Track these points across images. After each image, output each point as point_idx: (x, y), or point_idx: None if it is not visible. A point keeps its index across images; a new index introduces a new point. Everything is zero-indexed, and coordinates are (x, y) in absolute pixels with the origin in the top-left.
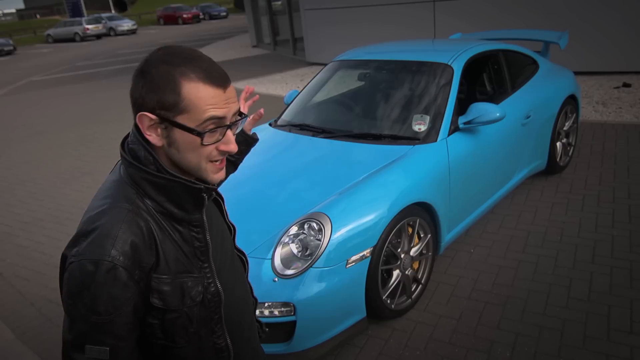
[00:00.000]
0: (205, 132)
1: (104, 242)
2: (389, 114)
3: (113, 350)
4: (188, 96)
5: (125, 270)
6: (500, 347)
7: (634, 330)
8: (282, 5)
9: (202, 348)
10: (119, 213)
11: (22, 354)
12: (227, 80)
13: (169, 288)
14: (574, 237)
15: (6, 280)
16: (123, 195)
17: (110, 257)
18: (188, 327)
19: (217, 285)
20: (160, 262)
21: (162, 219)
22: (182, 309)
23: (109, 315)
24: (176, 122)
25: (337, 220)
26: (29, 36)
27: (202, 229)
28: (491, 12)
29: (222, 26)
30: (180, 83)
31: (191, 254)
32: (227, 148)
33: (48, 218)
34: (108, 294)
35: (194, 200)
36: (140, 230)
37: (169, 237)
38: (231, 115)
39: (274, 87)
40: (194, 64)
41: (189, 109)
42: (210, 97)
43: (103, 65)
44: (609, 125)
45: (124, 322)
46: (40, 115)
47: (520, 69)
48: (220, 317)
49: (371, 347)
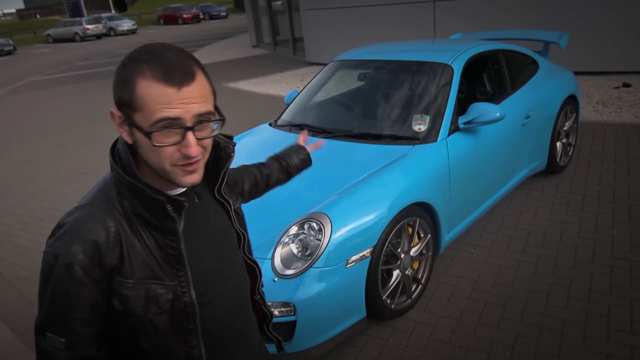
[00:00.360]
0: (153, 132)
1: (68, 238)
2: (389, 114)
3: (68, 342)
4: (140, 94)
5: (81, 269)
6: (500, 347)
7: (634, 330)
8: (282, 5)
9: (170, 356)
10: (90, 212)
11: (22, 354)
12: (186, 79)
13: (131, 293)
14: (574, 237)
15: (6, 280)
16: (104, 194)
17: (70, 254)
18: (152, 334)
19: (191, 296)
20: (124, 265)
21: (138, 222)
22: (146, 316)
23: (65, 309)
24: (133, 120)
25: (337, 220)
26: (29, 36)
27: (176, 237)
28: (491, 12)
29: (222, 26)
30: (136, 81)
31: (164, 261)
32: (185, 151)
33: (48, 218)
34: (64, 288)
35: (159, 209)
36: (107, 231)
37: (141, 241)
38: (191, 117)
39: (274, 87)
40: (156, 61)
41: (141, 108)
42: (161, 95)
43: (103, 65)
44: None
45: (79, 317)
46: (40, 115)
47: (520, 69)
48: (195, 328)
49: (371, 347)
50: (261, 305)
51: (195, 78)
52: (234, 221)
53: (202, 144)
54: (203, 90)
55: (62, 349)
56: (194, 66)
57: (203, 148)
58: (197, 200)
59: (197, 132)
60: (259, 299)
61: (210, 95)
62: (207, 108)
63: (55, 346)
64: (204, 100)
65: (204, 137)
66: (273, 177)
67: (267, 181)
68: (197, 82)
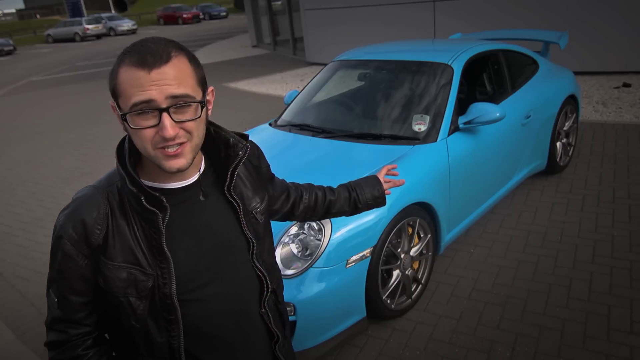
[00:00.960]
0: (127, 114)
1: (66, 214)
2: (389, 113)
3: (59, 303)
4: (119, 80)
5: (69, 243)
6: (500, 347)
7: (634, 330)
8: (282, 5)
9: (151, 342)
10: (88, 193)
11: (22, 354)
12: (158, 61)
13: (111, 274)
14: (574, 237)
15: (6, 280)
16: (108, 179)
17: (63, 228)
18: (130, 317)
19: (171, 289)
20: (108, 247)
21: (131, 209)
22: (126, 297)
23: (57, 274)
24: (120, 107)
25: (337, 220)
26: (29, 36)
27: (157, 230)
28: (491, 12)
29: (222, 26)
30: (118, 69)
31: (148, 250)
32: (161, 133)
33: (48, 218)
34: (57, 257)
35: (136, 199)
36: (97, 211)
37: (130, 227)
38: (164, 98)
39: (274, 87)
40: (136, 49)
41: (121, 93)
42: (134, 79)
43: (103, 65)
44: (609, 125)
45: (67, 285)
46: (40, 115)
47: (520, 69)
48: (176, 319)
49: (371, 347)
50: (267, 322)
51: (170, 61)
52: (243, 225)
53: (184, 127)
54: (179, 72)
55: (56, 307)
56: (173, 51)
57: (187, 132)
58: (202, 197)
59: (174, 114)
60: (264, 313)
61: (189, 79)
62: (184, 90)
63: (52, 303)
64: (179, 83)
65: (183, 120)
66: (336, 205)
67: (329, 208)
68: (171, 65)
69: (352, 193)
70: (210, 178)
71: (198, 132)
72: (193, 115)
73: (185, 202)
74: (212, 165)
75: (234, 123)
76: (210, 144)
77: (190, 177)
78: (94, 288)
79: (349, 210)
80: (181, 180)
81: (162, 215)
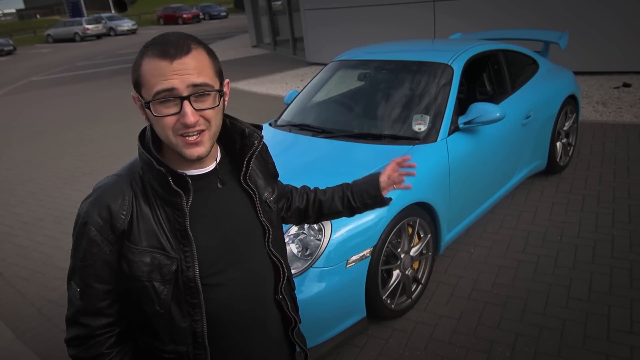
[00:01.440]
0: (151, 102)
1: (90, 201)
2: (389, 114)
3: (82, 292)
4: (142, 71)
5: (94, 229)
6: (500, 347)
7: (634, 330)
8: (282, 5)
9: (174, 328)
10: (112, 180)
11: (22, 354)
12: (180, 52)
13: (136, 258)
14: (574, 237)
15: (6, 280)
16: (130, 166)
17: (88, 215)
18: (154, 301)
19: (195, 272)
20: (132, 232)
21: (153, 195)
22: (150, 282)
23: (81, 263)
24: (142, 97)
25: (337, 220)
26: (29, 36)
27: (181, 212)
28: (491, 12)
29: (222, 26)
30: (141, 61)
31: (172, 234)
32: (182, 120)
33: (48, 218)
34: (81, 245)
35: (164, 181)
36: (122, 198)
37: (154, 213)
38: (185, 87)
39: (274, 87)
40: (158, 42)
41: (144, 83)
42: (156, 68)
43: (103, 65)
44: (609, 125)
45: (92, 273)
46: (40, 115)
47: (520, 69)
48: (199, 303)
49: (371, 347)
50: (285, 307)
51: (190, 52)
52: (259, 212)
53: (204, 115)
54: (199, 63)
55: (78, 297)
56: (193, 44)
57: (206, 120)
58: (219, 185)
59: (195, 103)
60: (281, 299)
61: (208, 70)
62: (203, 79)
63: (74, 294)
64: (199, 72)
65: (203, 109)
66: (328, 205)
67: (320, 209)
68: (192, 56)
69: (345, 192)
70: (226, 168)
71: (216, 120)
72: (212, 104)
73: (204, 189)
74: (228, 155)
75: None
76: (226, 136)
77: (208, 165)
78: (117, 275)
79: (345, 211)
80: (200, 167)
81: (186, 197)
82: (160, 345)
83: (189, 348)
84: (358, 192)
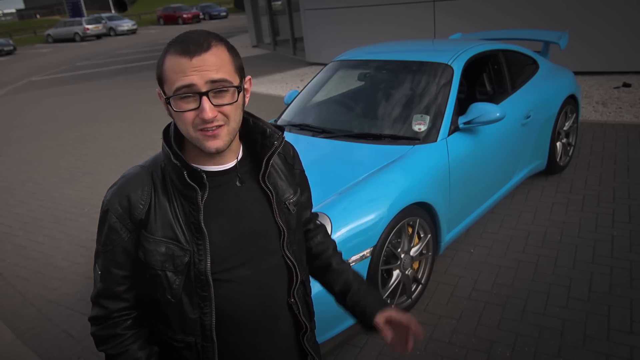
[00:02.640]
0: (171, 97)
1: (113, 190)
2: (389, 113)
3: (102, 276)
4: (165, 68)
5: (114, 216)
6: (500, 347)
7: (634, 330)
8: (282, 5)
9: (184, 318)
10: (135, 171)
11: (22, 354)
12: (199, 49)
13: (151, 247)
14: (574, 237)
15: (6, 280)
16: (153, 159)
17: (110, 202)
18: (166, 290)
19: (206, 265)
20: (149, 221)
21: (172, 188)
22: (163, 271)
23: (103, 247)
24: (165, 92)
25: (337, 220)
26: (29, 36)
27: (196, 207)
28: (491, 12)
29: (222, 26)
30: (164, 58)
31: (187, 227)
32: (201, 115)
33: (48, 218)
34: (103, 230)
35: (180, 174)
36: (142, 188)
37: (171, 204)
38: (204, 83)
39: (274, 87)
40: (180, 39)
41: (166, 79)
42: (177, 65)
43: (103, 65)
44: (609, 125)
45: (111, 258)
46: (40, 115)
47: (520, 69)
48: (209, 296)
49: (371, 347)
50: (296, 312)
51: (210, 49)
52: (275, 213)
53: (222, 110)
54: (219, 60)
55: (99, 280)
56: (213, 41)
57: (224, 115)
58: (238, 184)
59: (213, 99)
60: (292, 303)
61: (227, 66)
62: (222, 75)
63: (97, 276)
64: (217, 68)
65: (221, 104)
66: (330, 274)
67: (324, 270)
68: (211, 52)
69: (353, 284)
70: (247, 166)
71: (235, 116)
72: (230, 100)
73: (222, 185)
74: (250, 154)
75: None
76: (248, 135)
77: (228, 163)
78: (134, 263)
79: (337, 295)
80: (220, 164)
81: (201, 192)
82: (171, 334)
83: (197, 339)
84: (359, 298)
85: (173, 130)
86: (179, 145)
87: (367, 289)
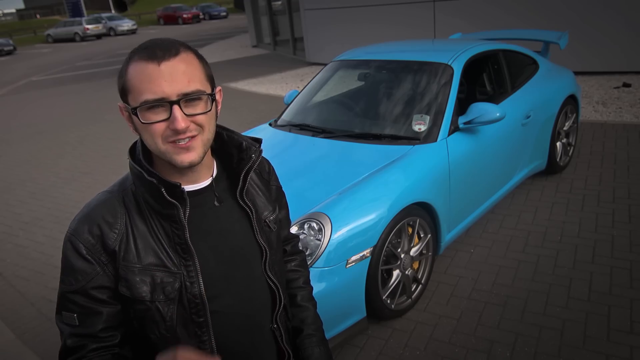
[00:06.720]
0: (138, 108)
1: (79, 220)
2: (389, 113)
3: (80, 317)
4: (129, 76)
5: (85, 247)
6: (500, 347)
7: (634, 330)
8: (282, 5)
9: None
10: (102, 197)
11: (22, 354)
12: (167, 55)
13: (137, 278)
14: (574, 237)
15: (6, 280)
16: (121, 182)
17: (77, 233)
18: (159, 324)
19: (200, 287)
20: (129, 250)
21: (148, 210)
22: (153, 303)
23: (71, 286)
24: (129, 105)
25: (337, 220)
26: (29, 36)
27: (180, 225)
28: (491, 12)
29: (222, 26)
30: (127, 66)
31: (172, 250)
32: (172, 126)
33: (48, 218)
34: (70, 265)
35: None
36: (113, 215)
37: (150, 228)
38: (174, 91)
39: (274, 87)
40: (144, 46)
41: (131, 89)
42: (143, 72)
43: (103, 65)
44: (609, 125)
45: (82, 299)
46: (40, 115)
47: (520, 69)
48: (205, 322)
49: (371, 347)
50: (278, 338)
51: (179, 55)
52: (255, 231)
53: (195, 120)
54: (188, 66)
55: (76, 324)
56: (181, 48)
57: (198, 125)
58: (216, 203)
59: (185, 108)
60: (275, 329)
61: (198, 73)
62: (194, 87)
63: (70, 323)
64: (189, 79)
65: (194, 114)
66: (292, 307)
67: (287, 283)
68: (180, 59)
69: (310, 326)
70: (224, 183)
71: (209, 126)
72: (204, 109)
73: (200, 207)
74: (225, 170)
75: (234, 123)
76: (223, 149)
77: (202, 181)
78: (113, 300)
79: (291, 328)
80: (194, 182)
81: (182, 208)
82: None
83: None
84: (308, 345)
85: (140, 148)
86: (148, 164)
87: (319, 340)
